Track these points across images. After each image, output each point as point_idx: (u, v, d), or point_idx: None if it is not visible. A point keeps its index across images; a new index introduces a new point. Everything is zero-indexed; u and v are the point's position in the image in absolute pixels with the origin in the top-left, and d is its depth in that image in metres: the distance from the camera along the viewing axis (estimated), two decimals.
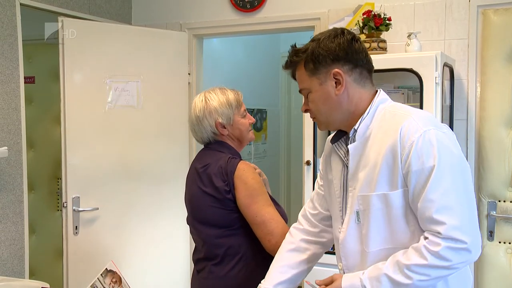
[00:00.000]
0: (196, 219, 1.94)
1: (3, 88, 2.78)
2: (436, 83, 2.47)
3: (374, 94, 1.51)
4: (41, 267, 3.67)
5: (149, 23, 3.64)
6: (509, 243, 2.76)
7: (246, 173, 1.83)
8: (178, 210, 2.65)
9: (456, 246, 1.29)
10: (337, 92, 1.47)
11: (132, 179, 3.26)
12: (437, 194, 1.31)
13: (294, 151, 5.21)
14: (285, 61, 1.56)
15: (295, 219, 1.80)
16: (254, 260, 1.87)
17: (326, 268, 1.90)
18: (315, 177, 2.83)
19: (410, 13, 2.96)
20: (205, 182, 1.87)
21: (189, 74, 3.58)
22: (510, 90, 2.72)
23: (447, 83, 2.77)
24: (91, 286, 1.87)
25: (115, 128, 3.19)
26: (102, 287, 1.87)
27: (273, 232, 1.80)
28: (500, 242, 2.77)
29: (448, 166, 1.33)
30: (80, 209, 3.01)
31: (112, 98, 3.17)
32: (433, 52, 2.54)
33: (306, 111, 1.57)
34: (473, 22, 2.83)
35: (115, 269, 1.90)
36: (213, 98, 1.93)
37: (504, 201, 2.75)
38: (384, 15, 2.76)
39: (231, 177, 1.82)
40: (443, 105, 2.64)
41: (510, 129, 2.73)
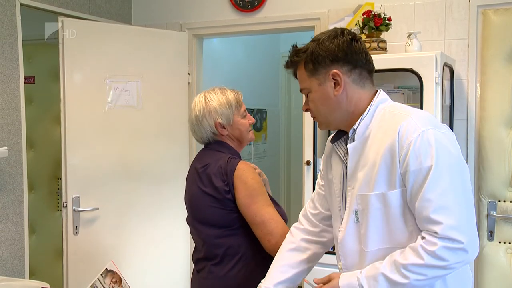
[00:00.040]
0: (196, 219, 1.94)
1: (3, 88, 2.78)
2: (436, 83, 2.47)
3: (374, 94, 1.51)
4: (41, 267, 3.67)
5: (149, 23, 3.63)
6: (509, 243, 2.76)
7: (245, 173, 1.83)
8: (178, 210, 2.65)
9: (452, 246, 1.29)
10: (336, 92, 1.48)
11: (132, 179, 3.26)
12: (435, 194, 1.31)
13: (294, 151, 5.21)
14: (286, 61, 1.57)
15: (295, 219, 1.80)
16: (253, 260, 1.87)
17: (326, 268, 1.89)
18: (315, 177, 2.83)
19: (410, 13, 2.96)
20: (204, 182, 1.87)
21: (189, 74, 3.58)
22: (510, 90, 2.72)
23: (447, 83, 2.77)
24: (91, 286, 1.87)
25: (115, 128, 3.19)
26: (102, 287, 1.87)
27: (272, 232, 1.80)
28: (500, 242, 2.77)
29: (446, 166, 1.33)
30: (80, 209, 3.02)
31: (112, 98, 3.17)
32: (433, 52, 2.54)
33: (306, 110, 1.58)
34: (473, 22, 2.83)
35: (115, 269, 1.91)
36: (213, 98, 1.93)
37: (504, 201, 2.75)
38: (384, 15, 2.76)
39: (231, 177, 1.82)
40: (443, 105, 2.64)
41: (510, 129, 2.73)
